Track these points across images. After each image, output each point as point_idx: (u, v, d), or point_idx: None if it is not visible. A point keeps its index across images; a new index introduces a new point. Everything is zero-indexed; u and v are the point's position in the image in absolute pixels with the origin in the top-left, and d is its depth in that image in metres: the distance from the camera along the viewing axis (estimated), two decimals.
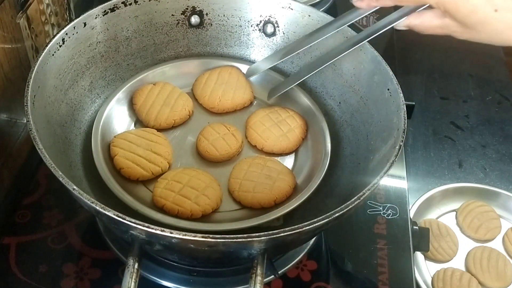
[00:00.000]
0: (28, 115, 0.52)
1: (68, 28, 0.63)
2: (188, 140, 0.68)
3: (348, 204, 0.48)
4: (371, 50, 0.65)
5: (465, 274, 0.81)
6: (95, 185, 0.60)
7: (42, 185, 0.72)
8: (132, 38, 0.71)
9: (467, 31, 0.45)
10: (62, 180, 0.47)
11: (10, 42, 0.67)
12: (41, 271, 0.63)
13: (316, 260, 0.67)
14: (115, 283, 0.62)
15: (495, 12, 0.43)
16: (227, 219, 0.60)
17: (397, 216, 0.72)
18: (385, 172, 0.51)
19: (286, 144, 0.67)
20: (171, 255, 0.60)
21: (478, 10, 0.43)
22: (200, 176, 0.61)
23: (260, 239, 0.44)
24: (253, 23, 0.75)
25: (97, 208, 0.45)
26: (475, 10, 0.43)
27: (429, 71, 1.12)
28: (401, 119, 0.57)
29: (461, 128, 1.01)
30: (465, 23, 0.44)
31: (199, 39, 0.76)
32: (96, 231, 0.66)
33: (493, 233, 0.87)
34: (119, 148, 0.62)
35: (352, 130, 0.67)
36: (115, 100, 0.68)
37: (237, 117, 0.71)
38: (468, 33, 0.46)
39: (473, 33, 0.45)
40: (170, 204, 0.58)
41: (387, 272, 0.65)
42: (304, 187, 0.61)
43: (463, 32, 0.46)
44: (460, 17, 0.44)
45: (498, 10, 0.43)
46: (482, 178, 0.93)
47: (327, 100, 0.72)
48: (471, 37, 0.46)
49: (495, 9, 0.43)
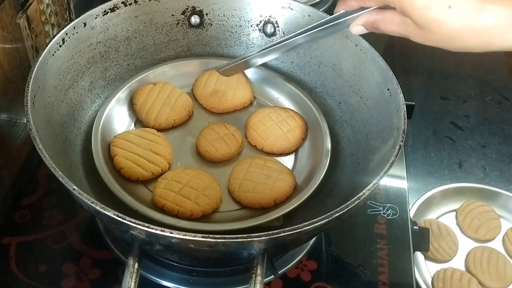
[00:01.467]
0: (28, 115, 0.52)
1: (68, 28, 0.63)
2: (188, 140, 0.68)
3: (348, 204, 0.48)
4: (371, 50, 0.65)
5: (465, 274, 0.81)
6: (95, 185, 0.60)
7: (42, 185, 0.72)
8: (132, 38, 0.71)
9: (422, 32, 0.44)
10: (62, 180, 0.47)
11: (10, 42, 0.67)
12: (41, 271, 0.63)
13: (316, 260, 0.67)
14: (115, 283, 0.62)
15: (449, 9, 0.41)
16: (227, 219, 0.60)
17: (397, 216, 0.72)
18: (385, 172, 0.51)
19: (286, 144, 0.67)
20: (171, 255, 0.60)
21: (432, 6, 0.42)
22: (200, 176, 0.61)
23: (260, 239, 0.44)
24: (253, 23, 0.75)
25: (97, 208, 0.45)
26: (429, 7, 0.42)
27: (429, 71, 1.12)
28: (401, 119, 0.57)
29: (461, 128, 1.01)
30: (420, 22, 0.43)
31: (199, 39, 0.76)
32: (96, 231, 0.66)
33: (493, 233, 0.87)
34: (119, 148, 0.62)
35: (352, 130, 0.67)
36: (115, 100, 0.68)
37: (237, 117, 0.71)
38: (423, 35, 0.44)
39: (427, 35, 0.44)
40: (170, 204, 0.58)
41: (387, 272, 0.65)
42: (304, 187, 0.61)
43: (418, 33, 0.44)
44: (415, 15, 0.43)
45: (452, 7, 0.41)
46: (482, 178, 0.93)
47: (327, 100, 0.72)
48: (426, 40, 0.45)
49: (449, 6, 0.41)
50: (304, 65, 0.74)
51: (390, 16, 0.46)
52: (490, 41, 0.42)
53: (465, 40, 0.42)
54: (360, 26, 0.50)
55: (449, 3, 0.41)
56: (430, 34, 0.43)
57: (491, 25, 0.41)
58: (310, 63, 0.74)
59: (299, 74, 0.75)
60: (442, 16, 0.41)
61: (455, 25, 0.41)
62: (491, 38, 0.42)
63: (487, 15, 0.41)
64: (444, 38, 0.43)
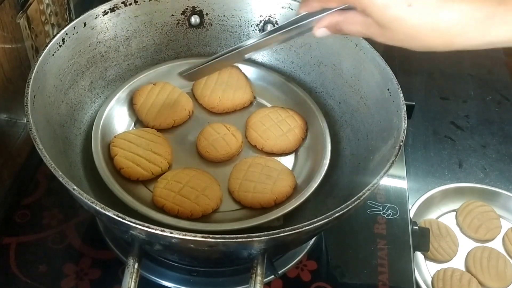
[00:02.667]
0: (28, 115, 0.52)
1: (68, 28, 0.63)
2: (188, 140, 0.68)
3: (348, 204, 0.48)
4: (371, 50, 0.65)
5: (465, 274, 0.81)
6: (95, 185, 0.60)
7: (42, 185, 0.72)
8: (132, 38, 0.71)
9: (384, 32, 0.43)
10: (62, 180, 0.47)
11: (10, 42, 0.67)
12: (41, 271, 0.63)
13: (316, 260, 0.67)
14: (115, 283, 0.62)
15: (408, 7, 0.40)
16: (227, 219, 0.60)
17: (397, 216, 0.72)
18: (385, 172, 0.51)
19: (286, 144, 0.67)
20: (171, 255, 0.60)
21: (391, 4, 0.40)
22: (200, 176, 0.61)
23: (260, 239, 0.44)
24: (253, 23, 0.75)
25: (97, 208, 0.45)
26: (389, 5, 0.41)
27: (429, 71, 1.12)
28: (401, 119, 0.57)
29: (461, 128, 1.01)
30: (381, 21, 0.42)
31: (199, 39, 0.76)
32: (96, 231, 0.66)
33: (493, 233, 0.87)
34: (119, 148, 0.62)
35: (352, 130, 0.67)
36: (115, 100, 0.68)
37: (237, 117, 0.71)
38: (385, 35, 0.43)
39: (389, 34, 0.43)
40: (170, 204, 0.58)
41: (387, 272, 0.65)
42: (304, 187, 0.61)
43: (380, 33, 0.43)
44: (376, 14, 0.42)
45: (412, 5, 0.40)
46: (482, 178, 0.94)
47: (327, 100, 0.72)
48: (388, 39, 0.43)
49: (409, 4, 0.40)
50: (304, 65, 0.74)
51: (352, 16, 0.45)
52: (452, 40, 0.41)
53: (427, 39, 0.41)
54: (323, 29, 0.48)
55: (409, 1, 0.40)
56: (392, 34, 0.42)
57: (452, 24, 0.40)
58: (310, 63, 0.74)
59: (299, 74, 0.75)
60: (402, 14, 0.40)
61: (416, 24, 0.41)
62: (453, 37, 0.41)
63: (448, 13, 0.40)
64: (406, 38, 0.42)
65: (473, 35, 0.40)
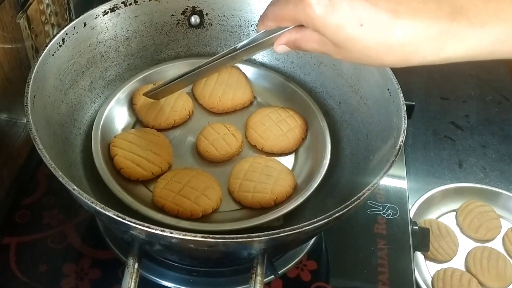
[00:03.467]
0: (28, 115, 0.52)
1: (68, 28, 0.63)
2: (188, 140, 0.68)
3: (348, 204, 0.48)
4: None
5: (465, 274, 0.81)
6: (95, 185, 0.60)
7: (42, 185, 0.72)
8: (132, 38, 0.71)
9: (339, 50, 0.42)
10: (62, 180, 0.47)
11: (10, 42, 0.67)
12: (41, 271, 0.63)
13: (316, 260, 0.67)
14: (115, 283, 0.62)
15: (361, 27, 0.39)
16: (227, 219, 0.60)
17: (397, 216, 0.72)
18: (385, 172, 0.51)
19: (286, 144, 0.67)
20: (171, 255, 0.60)
21: (344, 25, 0.39)
22: (200, 176, 0.61)
23: (260, 239, 0.44)
24: (253, 23, 0.75)
25: (97, 208, 0.45)
26: (341, 25, 0.39)
27: (429, 71, 1.12)
28: (401, 119, 0.57)
29: (461, 128, 1.01)
30: (335, 41, 0.41)
31: (199, 39, 0.76)
32: (96, 231, 0.66)
33: (493, 233, 0.87)
34: (119, 148, 0.62)
35: (352, 130, 0.67)
36: (115, 100, 0.68)
37: (237, 117, 0.71)
38: (341, 53, 0.42)
39: (345, 53, 0.42)
40: (170, 204, 0.58)
41: (387, 272, 0.65)
42: (304, 187, 0.61)
43: (336, 51, 0.42)
44: (329, 34, 0.40)
45: (364, 25, 0.39)
46: (482, 178, 0.94)
47: (327, 100, 0.72)
48: (345, 57, 0.42)
49: (361, 24, 0.39)
50: (304, 65, 0.74)
51: (309, 34, 0.44)
52: (406, 57, 0.40)
53: (382, 57, 0.40)
54: (283, 45, 0.47)
55: (361, 21, 0.39)
56: (347, 52, 0.41)
57: (406, 42, 0.39)
58: (310, 63, 0.74)
59: (299, 74, 0.75)
60: (355, 34, 0.39)
61: (369, 43, 0.39)
62: (407, 54, 0.40)
63: (401, 31, 0.38)
64: (361, 56, 0.41)
65: (428, 52, 0.39)
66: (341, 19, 0.39)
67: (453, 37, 0.38)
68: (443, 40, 0.38)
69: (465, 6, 0.38)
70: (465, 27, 0.38)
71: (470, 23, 0.38)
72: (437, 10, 0.38)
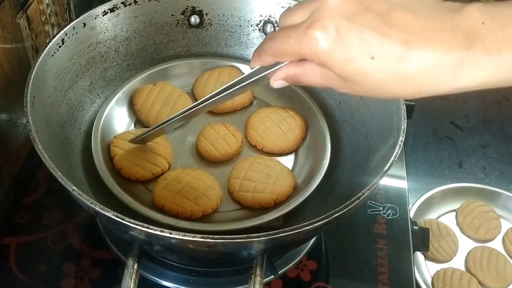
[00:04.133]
0: (27, 116, 0.52)
1: (68, 29, 0.63)
2: (188, 140, 0.68)
3: (348, 204, 0.48)
4: None
5: (465, 274, 0.81)
6: (95, 186, 0.60)
7: (42, 185, 0.72)
8: (132, 38, 0.71)
9: (347, 84, 0.39)
10: (61, 180, 0.47)
11: (10, 42, 0.67)
12: (41, 271, 0.63)
13: (316, 260, 0.67)
14: (115, 283, 0.62)
15: (372, 60, 0.36)
16: (227, 219, 0.60)
17: (397, 216, 0.72)
18: (385, 172, 0.51)
19: (286, 144, 0.67)
20: (171, 255, 0.60)
21: (353, 59, 0.37)
22: (200, 176, 0.61)
23: (260, 239, 0.44)
24: (253, 23, 0.75)
25: (97, 208, 0.45)
26: (351, 59, 0.37)
27: None
28: (401, 119, 0.57)
29: (461, 128, 1.01)
30: (343, 76, 0.38)
31: (199, 39, 0.76)
32: (96, 231, 0.66)
33: (493, 233, 0.87)
34: (119, 148, 0.62)
35: (352, 130, 0.67)
36: (115, 100, 0.68)
37: (237, 117, 0.71)
38: (348, 87, 0.40)
39: (353, 86, 0.39)
40: (170, 204, 0.58)
41: (387, 272, 0.65)
42: (304, 187, 0.61)
43: (343, 85, 0.40)
44: (337, 68, 0.38)
45: (375, 57, 0.36)
46: (482, 178, 0.94)
47: (327, 100, 0.72)
48: (353, 91, 0.40)
49: (372, 56, 0.36)
50: None
51: (310, 68, 0.41)
52: (420, 89, 0.38)
53: (394, 89, 0.38)
54: (281, 80, 0.44)
55: (371, 54, 0.36)
56: (356, 86, 0.39)
57: (420, 73, 0.37)
58: None
59: None
60: (366, 68, 0.37)
61: (380, 76, 0.37)
62: (421, 86, 0.37)
63: (414, 62, 0.36)
64: (371, 89, 0.39)
65: (442, 83, 0.37)
66: (350, 53, 0.37)
67: (468, 66, 0.36)
68: (458, 70, 0.36)
69: (480, 32, 0.36)
70: (481, 55, 0.36)
71: (487, 50, 0.35)
72: (451, 38, 0.36)
